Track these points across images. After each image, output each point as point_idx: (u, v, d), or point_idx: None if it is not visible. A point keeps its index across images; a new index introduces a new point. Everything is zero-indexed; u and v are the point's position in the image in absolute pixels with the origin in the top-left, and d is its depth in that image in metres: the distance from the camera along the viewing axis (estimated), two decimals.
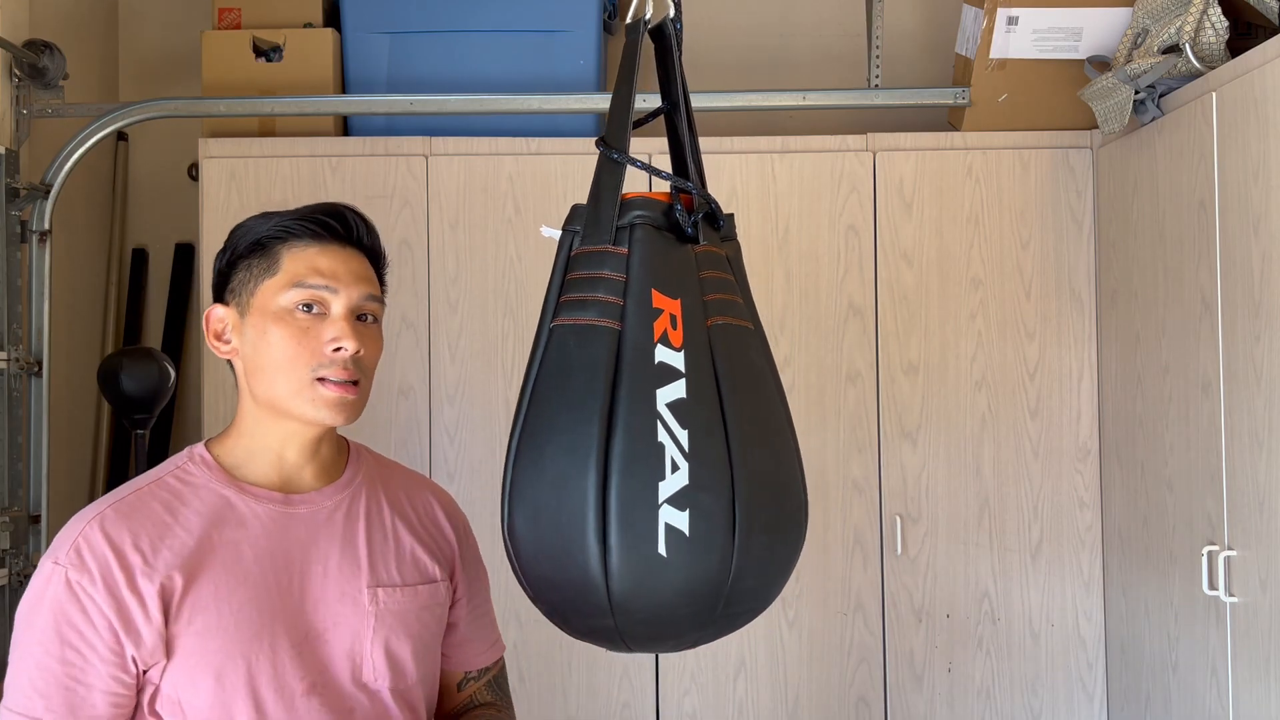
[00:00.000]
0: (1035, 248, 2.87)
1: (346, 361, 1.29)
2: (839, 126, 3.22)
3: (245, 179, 2.83)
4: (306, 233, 1.31)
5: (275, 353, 1.28)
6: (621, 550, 1.19)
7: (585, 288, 1.28)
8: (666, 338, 1.24)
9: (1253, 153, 2.12)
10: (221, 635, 1.24)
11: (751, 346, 1.31)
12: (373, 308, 1.33)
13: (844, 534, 2.85)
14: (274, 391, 1.29)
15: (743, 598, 1.24)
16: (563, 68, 2.92)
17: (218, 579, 1.26)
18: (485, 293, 2.84)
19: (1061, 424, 2.86)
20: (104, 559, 1.22)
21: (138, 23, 3.45)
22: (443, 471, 2.80)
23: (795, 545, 1.30)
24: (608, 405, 1.21)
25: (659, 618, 1.22)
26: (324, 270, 1.29)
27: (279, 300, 1.29)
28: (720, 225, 1.37)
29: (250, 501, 1.31)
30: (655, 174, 1.36)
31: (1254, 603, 2.14)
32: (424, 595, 1.38)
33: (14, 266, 2.64)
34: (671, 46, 1.43)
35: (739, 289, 1.35)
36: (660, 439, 1.20)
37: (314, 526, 1.33)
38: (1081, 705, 2.84)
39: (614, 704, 2.81)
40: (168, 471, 1.31)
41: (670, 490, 1.18)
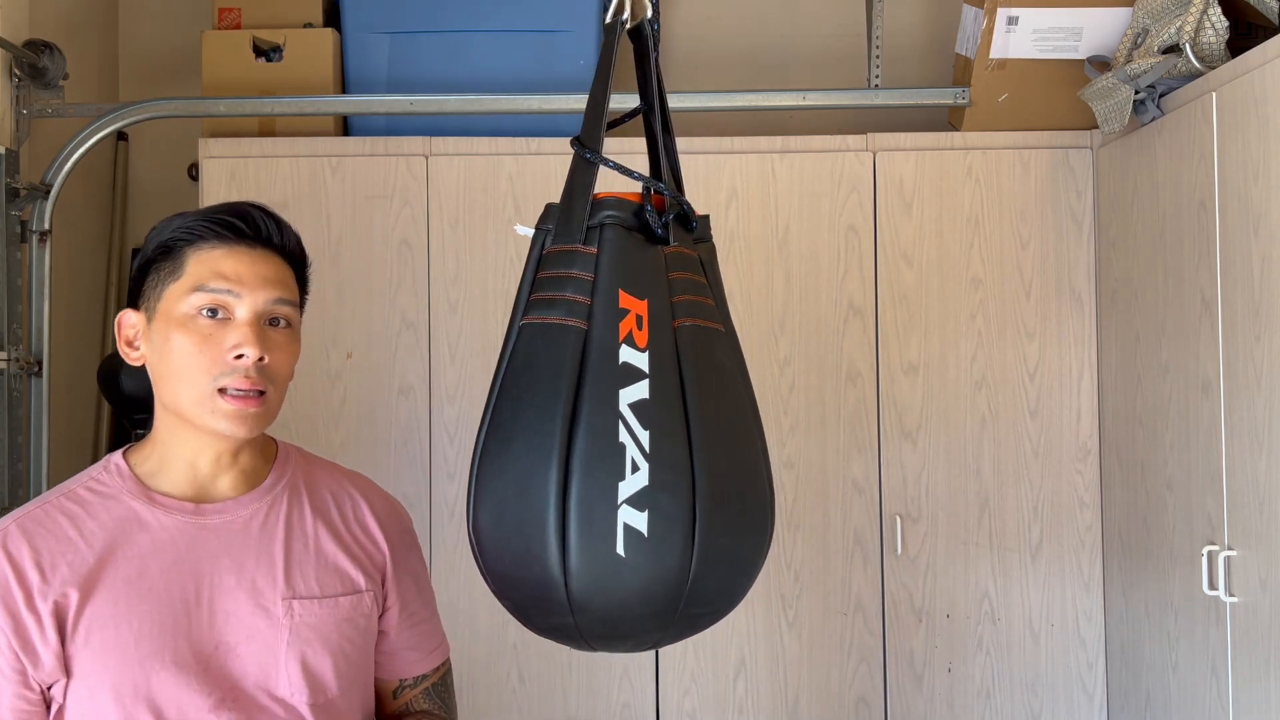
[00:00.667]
0: (1035, 248, 2.87)
1: (249, 370, 1.23)
2: (839, 126, 3.22)
3: (245, 179, 2.83)
4: (211, 234, 1.25)
5: (177, 360, 1.24)
6: (580, 549, 1.19)
7: (554, 286, 1.29)
8: (632, 338, 1.24)
9: (1253, 153, 2.12)
10: (120, 652, 1.21)
11: (719, 348, 1.31)
12: (284, 311, 1.28)
13: (844, 534, 2.85)
14: (178, 401, 1.25)
15: (702, 599, 1.24)
16: (563, 68, 2.92)
17: (117, 595, 1.22)
18: (485, 293, 2.84)
19: (1061, 424, 2.86)
20: (3, 578, 1.20)
21: (138, 23, 3.45)
22: (442, 471, 2.81)
23: (757, 548, 1.29)
24: (571, 404, 1.22)
25: (618, 617, 1.22)
26: (227, 273, 1.24)
27: (182, 305, 1.24)
28: (693, 227, 1.36)
29: (159, 513, 1.26)
30: (626, 174, 1.36)
31: (1254, 603, 2.14)
32: (345, 607, 1.32)
33: (14, 266, 2.64)
34: (649, 47, 1.44)
35: (711, 291, 1.34)
36: (621, 439, 1.20)
37: (226, 537, 1.28)
38: (1081, 705, 2.84)
39: (614, 704, 2.81)
40: (81, 482, 1.28)
41: (630, 490, 1.19)
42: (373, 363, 2.81)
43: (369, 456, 2.78)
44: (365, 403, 2.80)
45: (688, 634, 1.30)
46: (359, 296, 2.83)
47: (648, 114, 1.44)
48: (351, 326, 2.82)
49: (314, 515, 1.35)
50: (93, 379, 3.09)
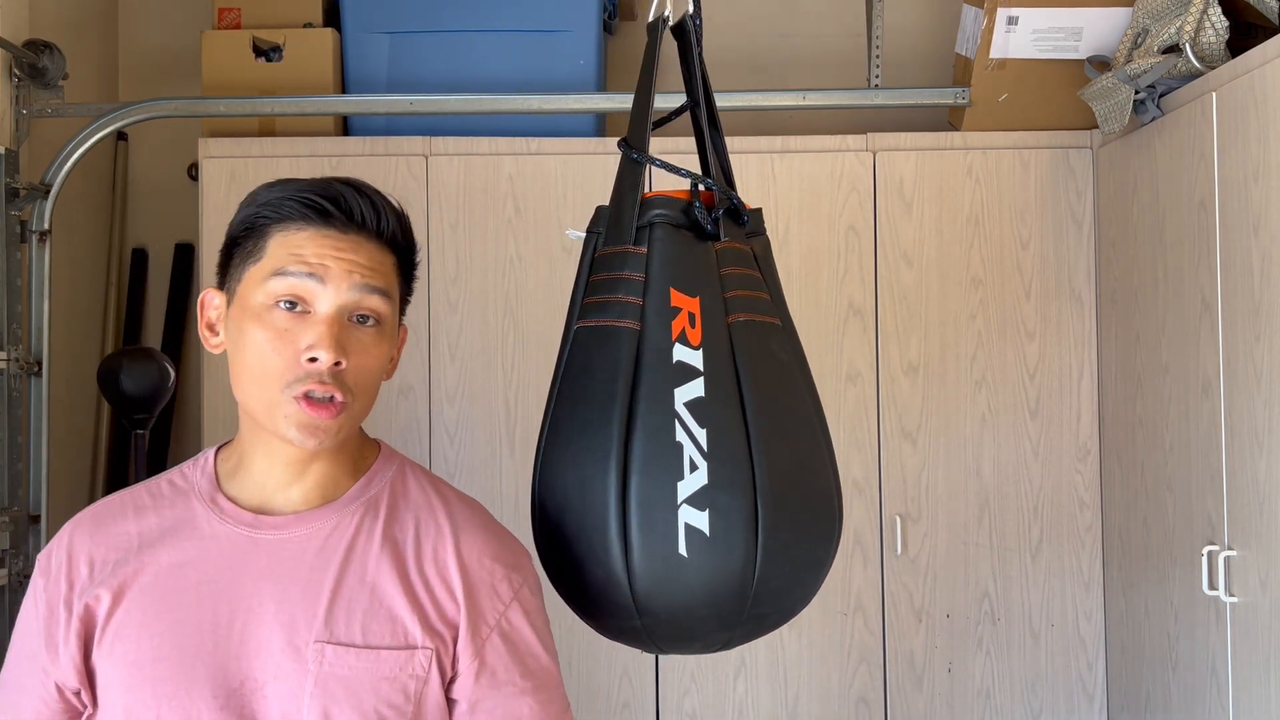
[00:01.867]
0: (1035, 248, 2.87)
1: (324, 375, 1.06)
2: (839, 126, 3.22)
3: (245, 179, 2.83)
4: (298, 215, 1.09)
5: (250, 357, 1.08)
6: (643, 551, 1.18)
7: (607, 289, 1.28)
8: (685, 336, 1.23)
9: (1253, 153, 2.12)
10: (135, 669, 1.08)
11: (775, 342, 1.29)
12: (372, 305, 1.10)
13: (844, 534, 2.84)
14: (251, 403, 1.10)
15: (770, 597, 1.23)
16: (563, 68, 2.92)
17: (146, 603, 1.09)
18: (485, 293, 2.84)
19: (1061, 424, 2.86)
20: (58, 568, 1.14)
21: (138, 23, 3.45)
22: (443, 472, 2.80)
23: (824, 543, 1.27)
24: (627, 406, 1.21)
25: (683, 618, 1.21)
26: (309, 258, 1.07)
27: (259, 293, 1.08)
28: (744, 221, 1.35)
29: (215, 519, 1.12)
30: (673, 171, 1.36)
31: (1254, 603, 2.14)
32: (388, 662, 1.09)
33: (14, 266, 2.64)
34: (691, 43, 1.43)
35: (766, 285, 1.33)
36: (678, 438, 1.19)
37: (277, 557, 1.10)
38: (1081, 705, 2.84)
39: (614, 704, 2.81)
40: (173, 471, 1.18)
41: (689, 490, 1.18)
42: None
43: None
44: None
45: (757, 634, 1.29)
46: None
47: (694, 110, 1.44)
48: None
49: (383, 545, 1.14)
50: (93, 379, 3.09)
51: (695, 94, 1.43)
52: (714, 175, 1.36)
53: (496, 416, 2.82)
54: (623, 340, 1.24)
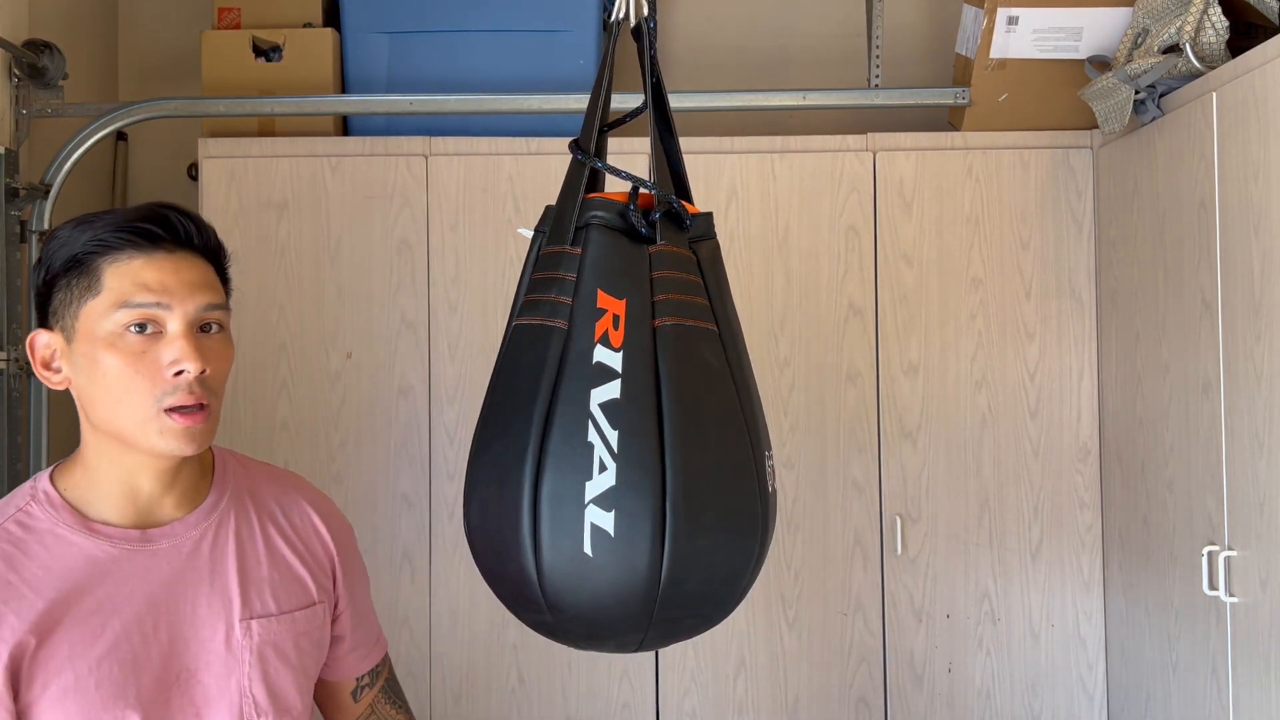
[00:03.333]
0: (1035, 248, 2.87)
1: (191, 385, 1.16)
2: (839, 126, 3.22)
3: (245, 179, 2.83)
4: (126, 244, 1.16)
5: (111, 382, 1.15)
6: (550, 548, 1.20)
7: (542, 288, 1.30)
8: (607, 338, 1.24)
9: (1253, 153, 2.12)
10: (80, 696, 1.13)
11: (707, 347, 1.29)
12: (215, 316, 1.20)
13: (844, 534, 2.85)
14: (116, 423, 1.16)
15: (681, 602, 1.23)
16: (563, 68, 2.92)
17: (72, 637, 1.14)
18: (485, 293, 2.84)
19: (1061, 424, 2.86)
20: None
21: (138, 23, 3.45)
22: (442, 471, 2.80)
23: (744, 551, 1.27)
24: (547, 404, 1.22)
25: (591, 616, 1.22)
26: (151, 284, 1.15)
27: (105, 324, 1.15)
28: (687, 225, 1.35)
29: (102, 544, 1.18)
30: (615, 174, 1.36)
31: (1254, 603, 2.14)
32: (302, 621, 1.28)
33: (14, 266, 2.64)
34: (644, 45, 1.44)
35: (706, 289, 1.33)
36: (590, 439, 1.20)
37: (177, 562, 1.21)
38: (1081, 705, 2.84)
39: (614, 704, 2.81)
40: (8, 516, 1.18)
41: (597, 490, 1.19)
42: (372, 363, 2.81)
43: (369, 456, 2.78)
44: (365, 403, 2.80)
45: (676, 637, 1.29)
46: (359, 296, 2.82)
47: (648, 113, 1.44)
48: (351, 326, 2.82)
49: (263, 528, 1.30)
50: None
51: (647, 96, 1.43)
52: (655, 179, 1.35)
53: None
54: (551, 340, 1.25)
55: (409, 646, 2.78)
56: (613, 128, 1.49)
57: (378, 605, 2.80)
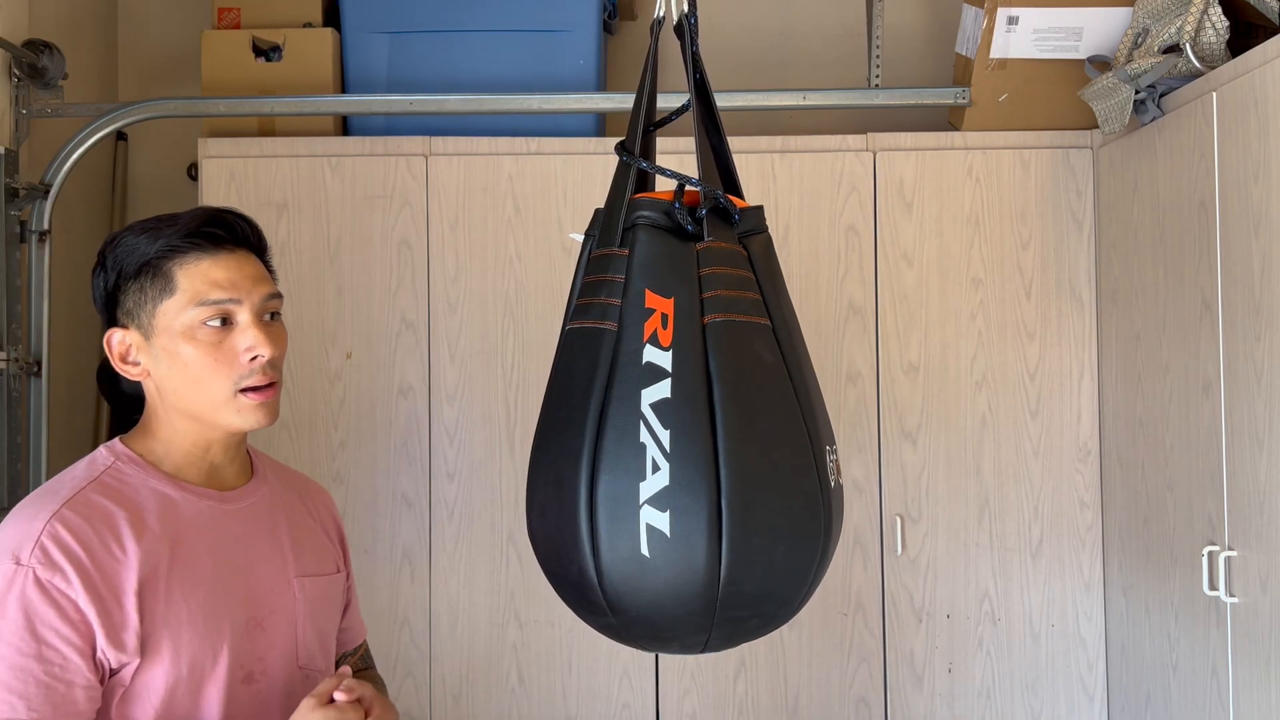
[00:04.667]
0: (1035, 248, 2.87)
1: (264, 367, 1.31)
2: (839, 126, 3.22)
3: (245, 179, 2.83)
4: (193, 247, 1.31)
5: (193, 370, 1.29)
6: (609, 550, 1.20)
7: (593, 291, 1.29)
8: (656, 337, 1.23)
9: (1253, 153, 2.12)
10: (190, 629, 1.25)
11: (760, 342, 1.28)
12: (276, 305, 1.36)
13: (844, 534, 2.84)
14: (197, 406, 1.31)
15: (743, 602, 1.22)
16: (563, 68, 2.92)
17: (182, 576, 1.27)
18: (485, 293, 2.84)
19: (1061, 424, 2.86)
20: (77, 558, 1.20)
21: (138, 23, 3.44)
22: (442, 471, 2.80)
23: (805, 550, 1.26)
24: (600, 406, 1.22)
25: (653, 617, 1.22)
26: (222, 282, 1.30)
27: (183, 319, 1.29)
28: (735, 220, 1.34)
29: (192, 499, 1.32)
30: (659, 172, 1.36)
31: (1254, 603, 2.14)
32: (332, 585, 1.45)
33: (14, 266, 2.64)
34: (686, 43, 1.43)
35: (757, 284, 1.32)
36: (642, 439, 1.20)
37: (246, 521, 1.36)
38: (1081, 705, 2.84)
39: (614, 704, 2.81)
40: (100, 471, 1.31)
41: (651, 490, 1.18)
42: (372, 363, 2.81)
43: (369, 456, 2.78)
44: (365, 403, 2.80)
45: (740, 638, 1.28)
46: (359, 296, 2.82)
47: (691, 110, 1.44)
48: (351, 326, 2.82)
49: (297, 499, 1.47)
50: (93, 379, 3.08)
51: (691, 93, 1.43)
52: (702, 175, 1.35)
53: (496, 416, 2.82)
54: (602, 342, 1.25)
55: (409, 646, 2.78)
56: (658, 127, 1.48)
57: (377, 605, 2.81)
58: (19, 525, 1.23)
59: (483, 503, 2.81)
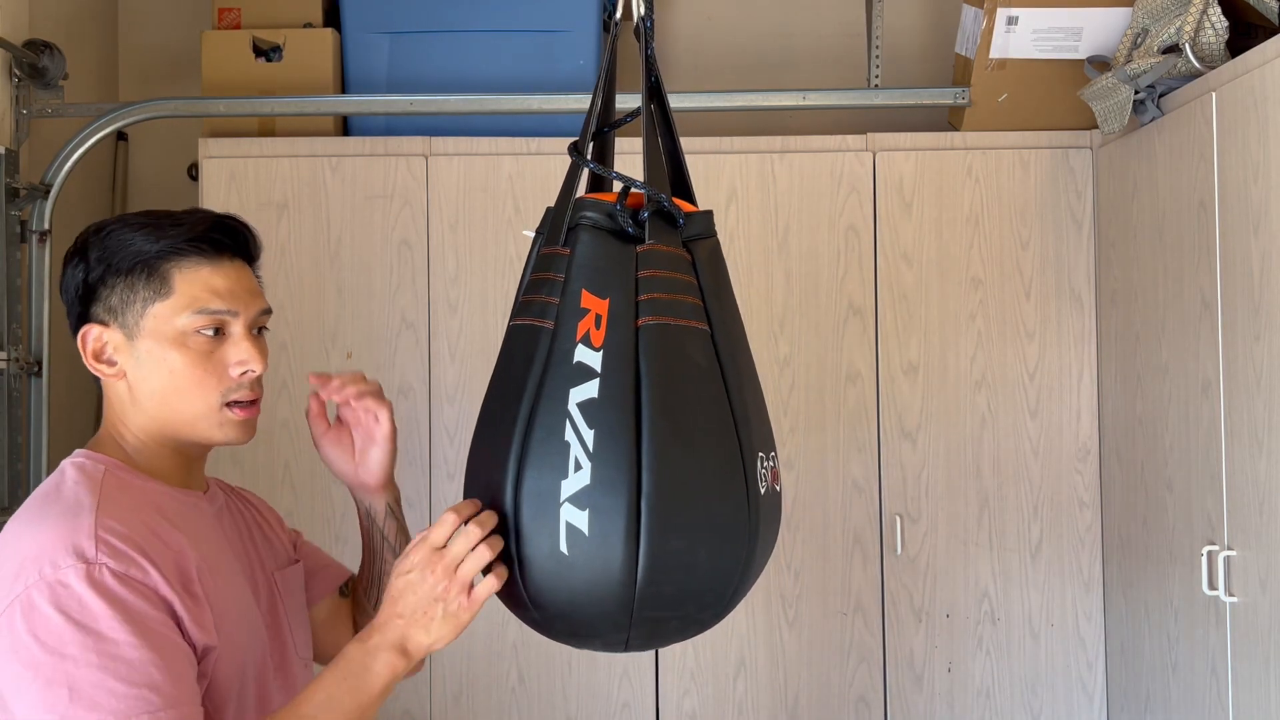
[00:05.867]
0: (1035, 248, 2.87)
1: (252, 383, 1.28)
2: (839, 126, 3.22)
3: (245, 179, 2.83)
4: (195, 251, 1.24)
5: (179, 379, 1.24)
6: (531, 545, 1.21)
7: (535, 289, 1.31)
8: (588, 337, 1.24)
9: (1253, 153, 2.12)
10: (236, 622, 1.23)
11: (693, 347, 1.28)
12: (265, 320, 1.32)
13: (844, 534, 2.85)
14: (176, 416, 1.25)
15: (663, 603, 1.22)
16: (563, 68, 2.92)
17: (215, 571, 1.22)
18: (485, 293, 2.84)
19: (1061, 424, 2.86)
20: (142, 548, 1.14)
21: (138, 23, 3.45)
22: (442, 471, 2.80)
23: (728, 554, 1.25)
24: (531, 403, 1.23)
25: (571, 615, 1.23)
26: (222, 292, 1.25)
27: (175, 324, 1.23)
28: (679, 223, 1.34)
29: (186, 500, 1.27)
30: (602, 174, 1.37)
31: (1254, 603, 2.14)
32: (296, 575, 1.44)
33: (14, 266, 2.64)
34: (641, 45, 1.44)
35: (699, 289, 1.32)
36: (567, 438, 1.20)
37: (226, 521, 1.34)
38: (1081, 705, 2.84)
39: (614, 704, 2.81)
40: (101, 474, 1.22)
41: (572, 489, 1.19)
42: (372, 363, 2.81)
43: None
44: None
45: (664, 638, 1.29)
46: (359, 296, 2.83)
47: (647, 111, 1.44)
48: (351, 326, 2.82)
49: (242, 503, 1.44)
50: (93, 379, 3.09)
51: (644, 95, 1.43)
52: (647, 177, 1.35)
53: None
54: (540, 339, 1.26)
55: None
56: (614, 128, 1.49)
57: None
58: (55, 531, 1.13)
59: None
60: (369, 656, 1.21)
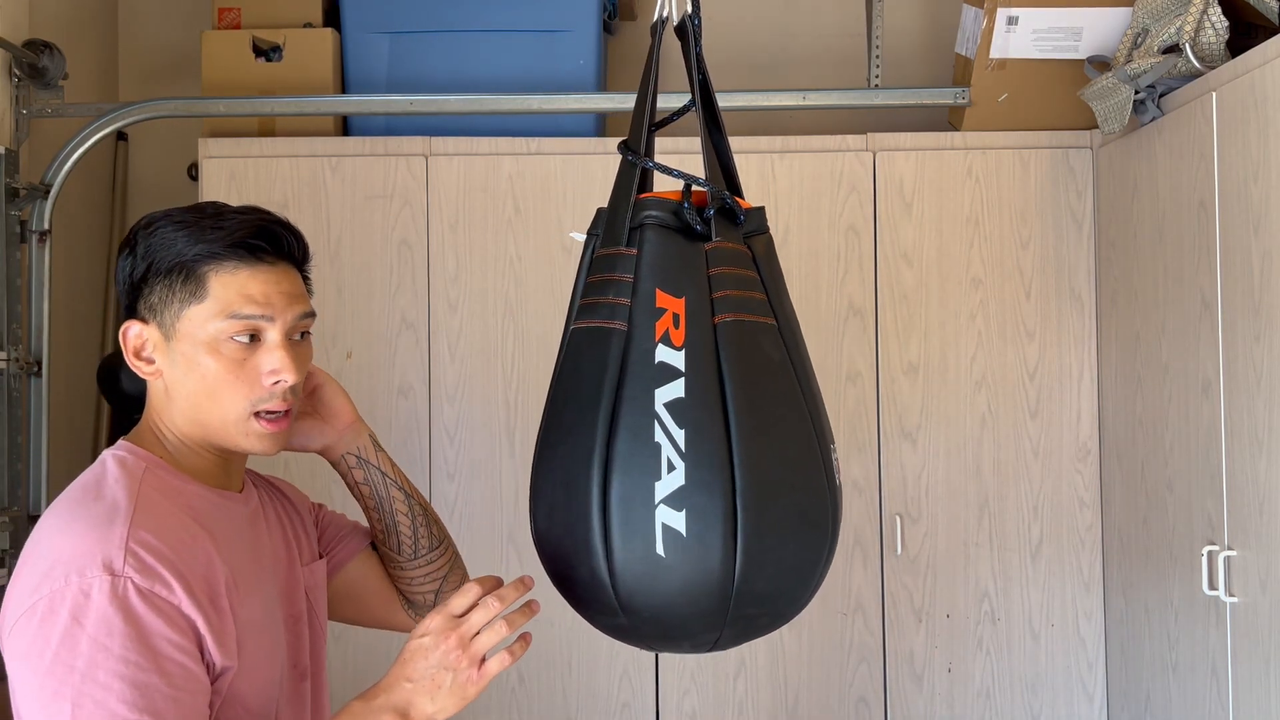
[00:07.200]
0: (1035, 248, 2.87)
1: (285, 393, 1.23)
2: (839, 126, 3.22)
3: (245, 179, 2.83)
4: (233, 256, 1.21)
5: (210, 383, 1.21)
6: (623, 550, 1.20)
7: (599, 290, 1.29)
8: (668, 337, 1.23)
9: (1253, 153, 2.12)
10: (260, 630, 1.22)
11: (767, 342, 1.29)
12: (307, 324, 1.27)
13: (844, 534, 2.82)
14: (205, 420, 1.23)
15: (756, 600, 1.22)
16: (563, 68, 2.92)
17: (245, 579, 1.21)
18: (485, 293, 2.84)
19: (1061, 424, 2.86)
20: (172, 563, 1.12)
21: (138, 23, 3.45)
22: (442, 472, 2.80)
23: (814, 547, 1.26)
24: (611, 407, 1.22)
25: (666, 617, 1.22)
26: (257, 298, 1.21)
27: (208, 329, 1.20)
28: (740, 221, 1.35)
29: (222, 501, 1.26)
30: (666, 172, 1.36)
31: (1254, 603, 2.14)
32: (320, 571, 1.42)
33: (14, 266, 2.64)
34: (690, 43, 1.43)
35: (762, 284, 1.32)
36: (657, 439, 1.20)
37: (260, 521, 1.32)
38: (1081, 705, 2.84)
39: (614, 704, 2.81)
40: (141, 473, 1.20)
41: (666, 490, 1.18)
42: (372, 363, 2.81)
43: None
44: (365, 403, 2.78)
45: (749, 636, 1.28)
46: (359, 296, 2.83)
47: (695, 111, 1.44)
48: (351, 326, 2.82)
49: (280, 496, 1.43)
50: (93, 379, 3.09)
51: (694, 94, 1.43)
52: (708, 175, 1.35)
53: (496, 416, 2.82)
54: (611, 341, 1.25)
55: None
56: (660, 127, 1.49)
57: None
58: (88, 537, 1.12)
59: (483, 502, 2.81)
60: (372, 716, 1.20)
